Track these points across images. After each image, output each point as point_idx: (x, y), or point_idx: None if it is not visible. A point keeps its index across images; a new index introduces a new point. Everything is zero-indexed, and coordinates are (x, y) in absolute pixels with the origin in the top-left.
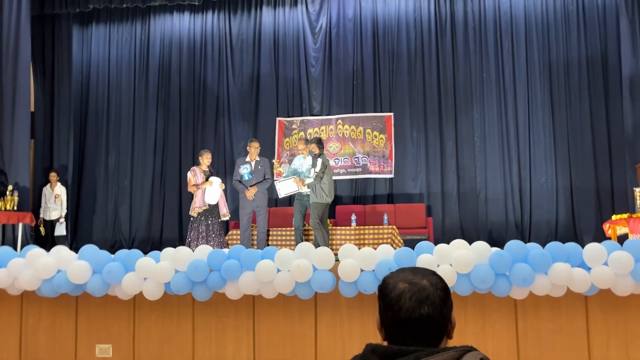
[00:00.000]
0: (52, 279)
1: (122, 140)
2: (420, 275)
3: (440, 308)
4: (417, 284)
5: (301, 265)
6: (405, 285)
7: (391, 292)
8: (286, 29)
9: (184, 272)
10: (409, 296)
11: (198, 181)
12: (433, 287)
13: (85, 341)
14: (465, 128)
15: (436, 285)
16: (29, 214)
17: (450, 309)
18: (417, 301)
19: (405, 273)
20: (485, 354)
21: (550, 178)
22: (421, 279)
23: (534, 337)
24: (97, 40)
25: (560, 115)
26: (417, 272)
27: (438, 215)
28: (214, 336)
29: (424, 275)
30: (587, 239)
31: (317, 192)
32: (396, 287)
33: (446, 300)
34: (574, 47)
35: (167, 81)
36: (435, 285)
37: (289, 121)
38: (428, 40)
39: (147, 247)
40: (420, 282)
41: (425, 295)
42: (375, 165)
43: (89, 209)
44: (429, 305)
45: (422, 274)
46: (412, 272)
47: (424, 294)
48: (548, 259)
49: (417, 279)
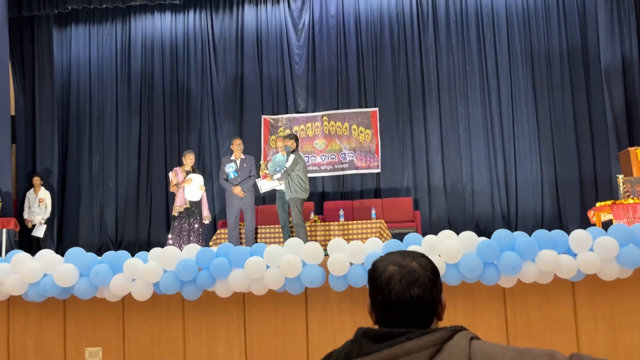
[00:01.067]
0: (39, 283)
1: (106, 142)
2: (410, 258)
3: (430, 289)
4: (407, 267)
5: (290, 261)
6: (394, 268)
7: (381, 276)
8: (269, 26)
9: (172, 272)
10: (398, 279)
11: (179, 181)
12: (422, 269)
13: (75, 345)
14: (450, 121)
15: (425, 267)
16: (13, 219)
17: (440, 290)
18: (407, 283)
19: (395, 256)
20: (476, 334)
21: (535, 169)
22: (410, 261)
23: (523, 324)
24: (77, 41)
25: (543, 106)
26: (406, 255)
27: (425, 208)
28: (205, 335)
29: (413, 258)
30: (572, 228)
31: (291, 188)
32: (386, 270)
33: (435, 281)
34: (555, 39)
35: (150, 82)
36: (424, 267)
37: (275, 119)
38: (411, 34)
39: (135, 250)
40: (409, 265)
41: (414, 277)
42: (361, 160)
43: (74, 213)
44: (419, 287)
45: (411, 256)
46: (401, 255)
47: (413, 276)
48: (535, 246)
49: (407, 262)
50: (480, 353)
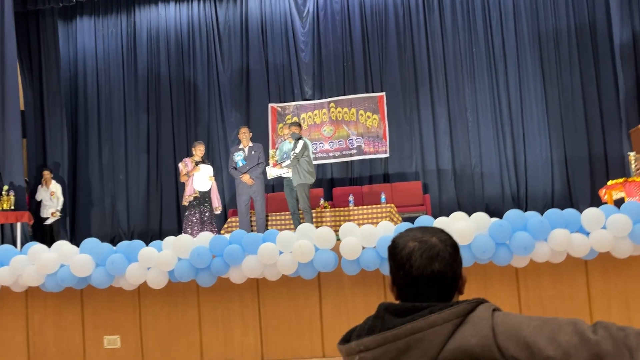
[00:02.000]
0: (56, 273)
1: (115, 134)
2: (430, 233)
3: (450, 264)
4: (427, 242)
5: (303, 246)
6: (415, 244)
7: (401, 251)
8: (273, 14)
9: (187, 260)
10: (419, 254)
11: (189, 170)
12: (443, 244)
13: (93, 333)
14: (457, 104)
15: (445, 242)
16: (27, 213)
17: (460, 265)
18: (427, 258)
19: (414, 232)
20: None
21: (544, 149)
22: (430, 236)
23: (536, 304)
24: (82, 34)
25: (551, 85)
26: (425, 231)
27: (435, 192)
28: (220, 321)
29: (433, 233)
30: (583, 207)
31: (300, 174)
32: (406, 246)
33: (456, 256)
34: (563, 17)
35: (156, 72)
36: (444, 242)
37: (282, 107)
38: (416, 17)
39: (147, 240)
40: (429, 240)
41: (435, 252)
42: (369, 145)
43: (86, 205)
44: (440, 262)
45: (431, 232)
46: (420, 231)
47: (434, 251)
48: (547, 225)
49: (427, 237)
50: (503, 324)
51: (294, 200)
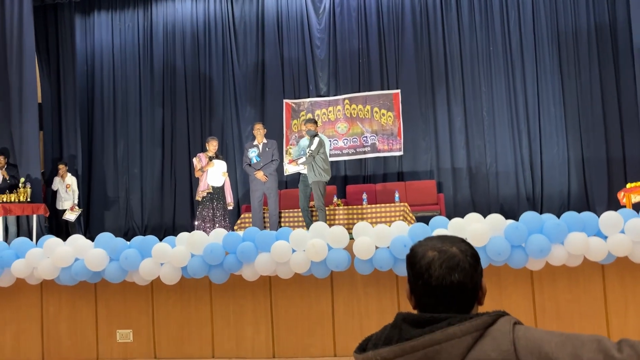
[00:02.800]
0: (71, 267)
1: (130, 128)
2: (449, 243)
3: (470, 275)
4: (447, 252)
5: (316, 245)
6: (434, 253)
7: (420, 261)
8: (289, 10)
9: (200, 256)
10: (439, 264)
11: (203, 166)
12: (463, 254)
13: (106, 327)
14: (473, 102)
15: (466, 252)
16: (42, 205)
17: (481, 275)
18: (447, 268)
19: (434, 241)
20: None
21: (561, 149)
22: (450, 246)
23: (551, 307)
24: (99, 28)
25: (569, 85)
26: (445, 240)
27: (449, 191)
28: (232, 318)
29: (452, 243)
30: (599, 209)
31: (315, 171)
32: (425, 255)
33: (476, 266)
34: (583, 16)
35: (171, 67)
36: (465, 252)
37: (296, 103)
38: (433, 14)
39: (160, 234)
40: (449, 250)
41: (455, 263)
42: (384, 143)
43: (101, 198)
44: (460, 272)
45: (451, 241)
46: (440, 240)
47: (454, 261)
48: (564, 229)
49: (447, 247)
50: (524, 338)
51: (306, 197)
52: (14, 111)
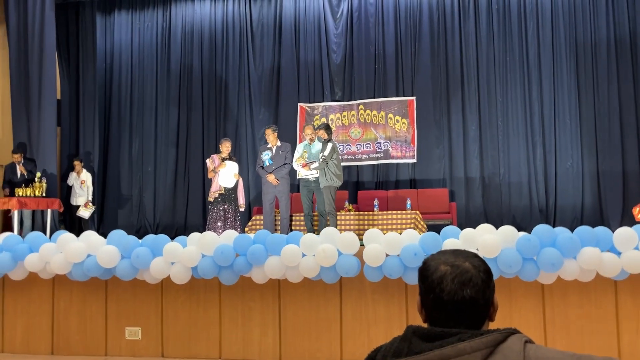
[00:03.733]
0: (83, 263)
1: (146, 127)
2: (462, 258)
3: (483, 290)
4: (460, 267)
5: (326, 250)
6: (447, 268)
7: (432, 275)
8: (307, 14)
9: (210, 257)
10: (451, 279)
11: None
12: (475, 270)
13: (115, 323)
14: (488, 112)
15: (479, 268)
16: (57, 200)
17: (493, 291)
18: (459, 284)
19: (447, 255)
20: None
21: (575, 162)
22: (463, 261)
23: (562, 322)
24: (119, 27)
25: (587, 98)
26: (458, 255)
27: (461, 200)
28: (240, 319)
29: (465, 258)
30: (614, 224)
31: (327, 176)
32: (438, 270)
33: (489, 282)
34: (602, 29)
35: (188, 68)
36: (477, 267)
37: (311, 107)
38: (451, 22)
39: (172, 233)
40: (462, 265)
41: (467, 278)
42: (397, 150)
43: (115, 195)
44: (472, 288)
45: (464, 256)
46: (453, 255)
47: (466, 277)
48: (577, 243)
49: (459, 262)
50: (535, 358)
51: (309, 202)
52: (33, 107)
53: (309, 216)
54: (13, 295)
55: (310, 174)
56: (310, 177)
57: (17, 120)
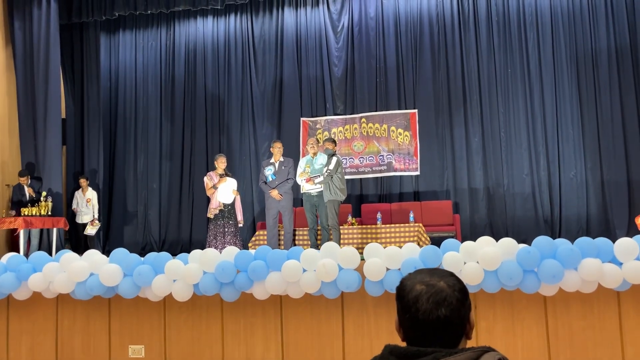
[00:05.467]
0: (86, 282)
1: (150, 144)
2: (438, 277)
3: (457, 309)
4: (435, 286)
5: (327, 265)
6: (422, 287)
7: (408, 294)
8: (308, 29)
9: (212, 274)
10: (426, 298)
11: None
12: (450, 289)
13: (119, 342)
14: (490, 123)
15: (453, 287)
16: (63, 219)
17: (469, 310)
18: (434, 303)
19: (423, 275)
20: (504, 355)
21: (579, 172)
22: (438, 280)
23: (565, 334)
24: (124, 46)
25: (589, 108)
26: (434, 274)
27: (465, 212)
28: (242, 336)
29: (441, 277)
30: (620, 233)
31: (331, 190)
32: (413, 289)
33: (464, 301)
34: (602, 38)
35: (192, 85)
36: (452, 287)
37: (313, 121)
38: (451, 35)
39: (177, 249)
40: (437, 284)
41: (442, 297)
42: (400, 162)
43: (120, 213)
44: (446, 307)
45: (440, 275)
46: (429, 274)
47: (441, 296)
48: (577, 254)
49: (434, 281)
50: None
51: (313, 216)
52: (39, 126)
53: (313, 230)
54: (17, 315)
55: (313, 188)
56: (312, 192)
57: (25, 141)
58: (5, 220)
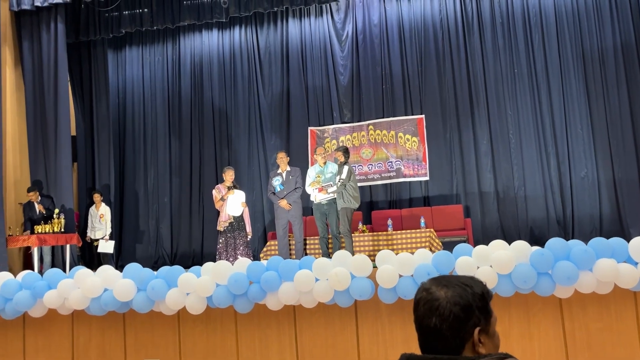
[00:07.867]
0: (100, 297)
1: (160, 158)
2: (441, 286)
3: (449, 322)
4: (432, 294)
5: (339, 274)
6: (423, 293)
7: (415, 298)
8: (313, 39)
9: (224, 286)
10: (422, 304)
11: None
12: (445, 300)
13: (134, 356)
14: (499, 125)
15: (452, 300)
16: (75, 235)
17: (472, 326)
18: (427, 310)
19: (435, 281)
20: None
21: (590, 171)
22: (440, 289)
23: (582, 336)
24: (131, 62)
25: (597, 106)
26: (441, 281)
27: (477, 215)
28: (257, 347)
29: (447, 287)
30: (634, 232)
31: (344, 198)
32: (419, 294)
33: (460, 317)
34: (608, 36)
35: (199, 98)
36: (450, 299)
37: (321, 130)
38: (456, 39)
39: (189, 262)
40: (435, 293)
41: (434, 306)
42: (409, 168)
43: (132, 227)
44: (437, 317)
45: (448, 284)
46: (437, 281)
47: (433, 305)
48: (592, 255)
49: (435, 289)
50: None
51: (324, 225)
52: (49, 144)
53: (324, 239)
54: (33, 332)
55: (324, 197)
56: (322, 201)
57: (34, 159)
58: (19, 238)
